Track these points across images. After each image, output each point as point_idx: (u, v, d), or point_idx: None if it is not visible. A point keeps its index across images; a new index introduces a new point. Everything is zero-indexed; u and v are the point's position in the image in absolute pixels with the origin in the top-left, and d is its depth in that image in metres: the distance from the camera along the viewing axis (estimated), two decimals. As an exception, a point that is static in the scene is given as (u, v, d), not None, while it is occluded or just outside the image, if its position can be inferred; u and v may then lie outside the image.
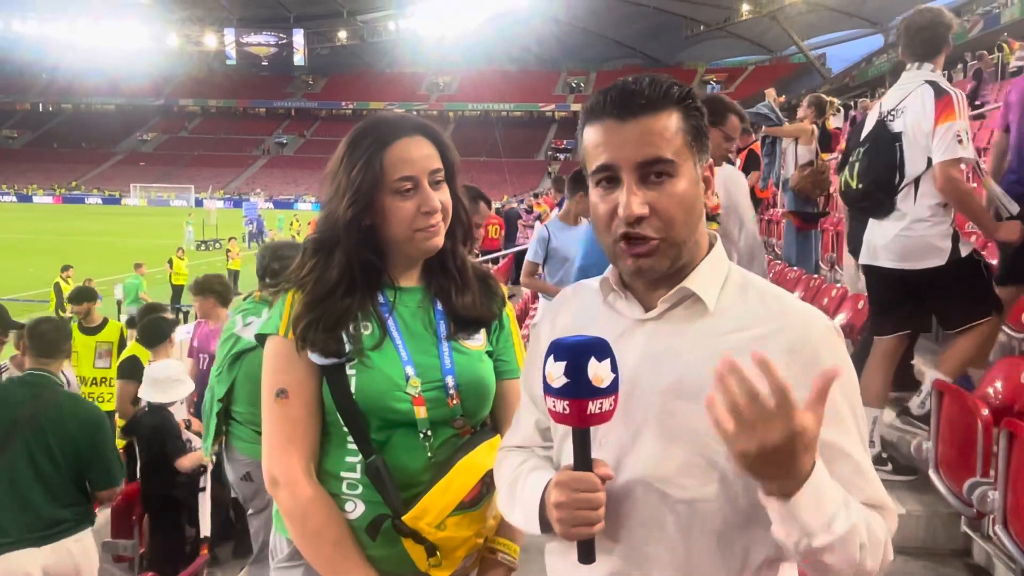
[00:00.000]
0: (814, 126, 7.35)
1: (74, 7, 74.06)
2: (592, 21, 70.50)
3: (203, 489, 4.54)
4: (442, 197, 1.60)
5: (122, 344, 7.37)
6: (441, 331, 1.63)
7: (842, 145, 8.03)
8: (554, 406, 1.13)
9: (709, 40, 70.07)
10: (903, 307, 3.75)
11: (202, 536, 4.51)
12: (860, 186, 3.69)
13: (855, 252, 4.50)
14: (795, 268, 7.13)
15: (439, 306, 1.65)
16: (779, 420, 0.97)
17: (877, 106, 3.83)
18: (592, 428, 1.14)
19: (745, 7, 61.41)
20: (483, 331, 1.69)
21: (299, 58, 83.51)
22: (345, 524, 1.55)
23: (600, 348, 1.13)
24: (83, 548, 3.29)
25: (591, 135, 1.21)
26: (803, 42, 60.23)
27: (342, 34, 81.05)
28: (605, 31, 72.98)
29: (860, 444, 1.18)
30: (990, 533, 3.07)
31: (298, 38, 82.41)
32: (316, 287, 1.57)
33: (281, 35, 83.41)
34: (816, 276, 6.92)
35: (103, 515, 5.08)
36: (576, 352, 1.11)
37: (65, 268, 17.02)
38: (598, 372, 1.11)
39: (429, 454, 1.57)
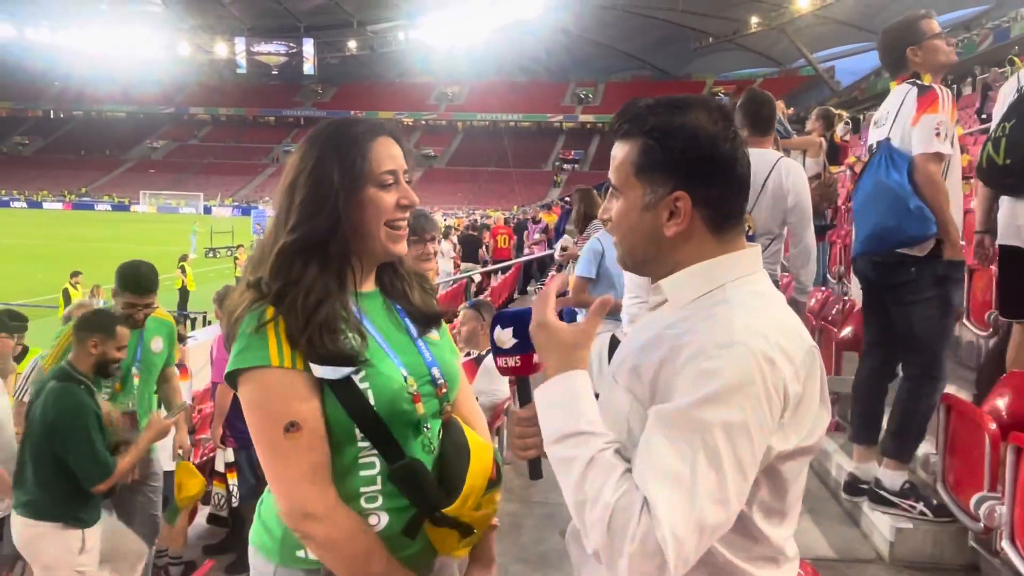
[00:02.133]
0: (822, 139, 7.36)
1: (87, 15, 74.67)
2: (601, 32, 70.69)
3: None
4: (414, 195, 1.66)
5: None
6: (412, 331, 1.68)
7: (850, 159, 8.05)
8: (506, 363, 1.43)
9: (718, 52, 70.17)
10: None
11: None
12: (1008, 161, 3.48)
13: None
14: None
15: (398, 307, 1.69)
16: (539, 305, 1.33)
17: (1015, 79, 3.71)
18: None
19: (754, 20, 61.53)
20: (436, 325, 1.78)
21: (309, 67, 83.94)
22: (379, 538, 1.53)
23: (530, 314, 1.38)
24: (15, 529, 3.49)
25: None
26: (812, 55, 60.31)
27: (352, 44, 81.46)
28: (614, 43, 73.15)
29: (678, 452, 1.13)
30: (998, 548, 3.06)
31: (308, 47, 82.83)
32: (316, 287, 1.52)
33: (291, 44, 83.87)
34: (824, 289, 6.91)
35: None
36: (517, 318, 1.40)
37: (74, 274, 17.11)
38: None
39: (433, 446, 1.61)
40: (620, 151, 1.32)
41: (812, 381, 1.22)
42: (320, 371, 1.46)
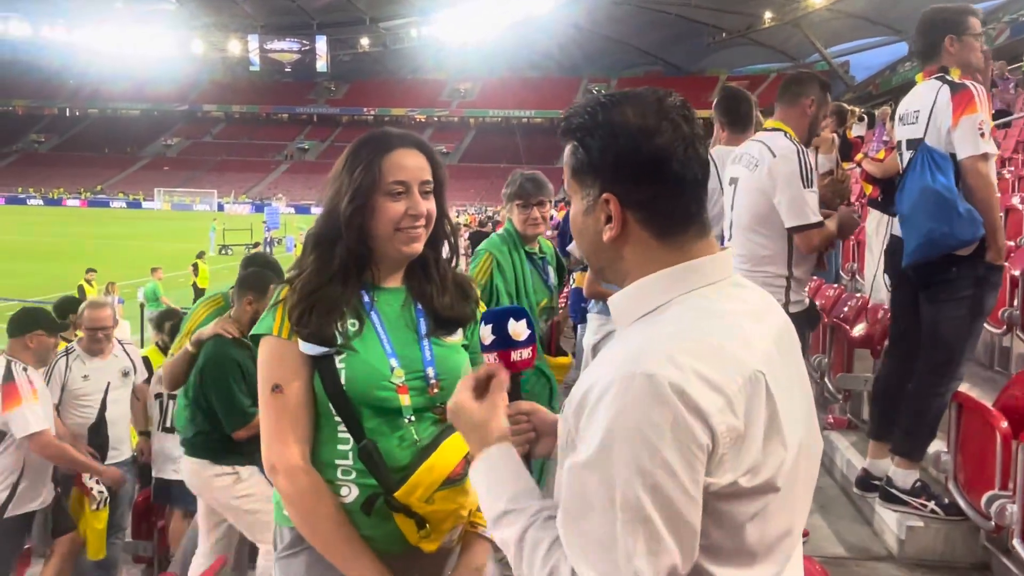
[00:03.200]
0: (834, 135, 7.31)
1: (102, 13, 75.06)
2: (614, 28, 70.49)
3: None
4: (428, 206, 1.76)
5: None
6: (421, 329, 1.79)
7: (859, 156, 7.99)
8: (487, 360, 1.42)
9: (731, 47, 69.83)
10: None
11: None
12: None
13: None
14: (815, 277, 7.09)
15: (419, 306, 1.81)
16: (456, 390, 1.37)
17: None
18: None
19: (768, 14, 61.18)
20: (460, 329, 1.88)
21: (322, 64, 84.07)
22: (340, 506, 1.69)
23: (517, 312, 1.42)
24: (184, 467, 3.87)
25: None
26: (826, 50, 59.95)
27: (364, 41, 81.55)
28: (627, 38, 72.93)
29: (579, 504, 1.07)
30: (1009, 547, 3.05)
31: (321, 45, 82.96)
32: (316, 276, 1.71)
33: (304, 42, 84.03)
34: (836, 286, 6.89)
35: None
36: (499, 316, 1.41)
37: (89, 271, 17.26)
38: (516, 329, 1.41)
39: (415, 438, 1.72)
40: (564, 154, 1.26)
41: (755, 412, 1.07)
42: (302, 346, 1.67)
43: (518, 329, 1.41)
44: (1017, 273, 4.76)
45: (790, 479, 1.12)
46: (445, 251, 1.89)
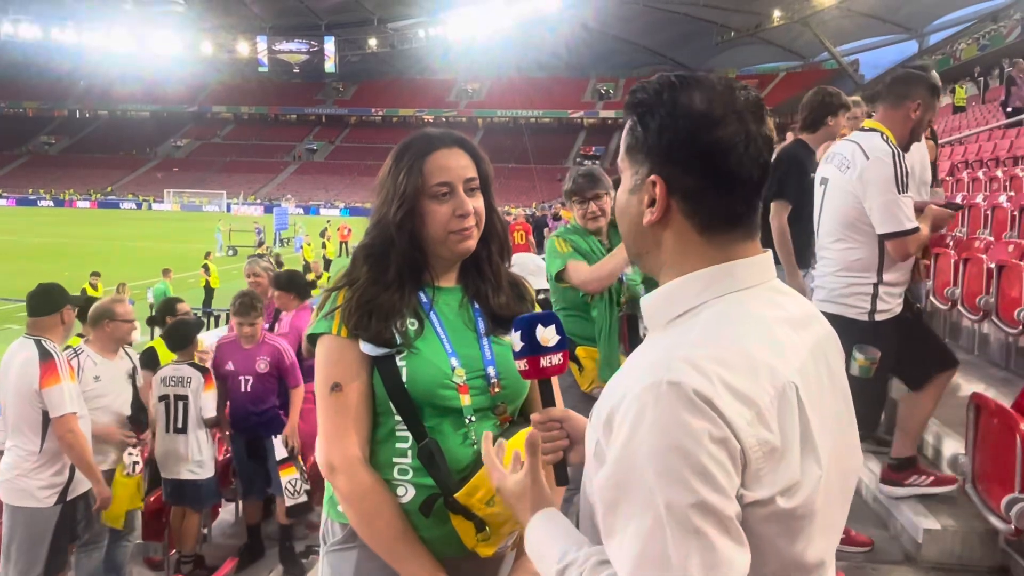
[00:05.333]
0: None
1: (111, 16, 75.51)
2: (622, 27, 70.43)
3: None
4: (476, 203, 1.75)
5: None
6: (480, 328, 1.79)
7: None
8: (519, 367, 1.42)
9: (740, 46, 69.68)
10: None
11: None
12: None
13: None
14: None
15: (476, 305, 1.81)
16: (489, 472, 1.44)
17: None
18: None
19: (776, 13, 61.02)
20: None
21: (330, 65, 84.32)
22: (399, 506, 1.68)
23: (546, 317, 1.41)
24: None
25: None
26: (835, 48, 59.74)
27: (372, 41, 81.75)
28: (635, 37, 72.86)
29: (621, 532, 1.01)
30: (1029, 551, 3.00)
31: (329, 46, 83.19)
32: (372, 285, 1.71)
33: (312, 43, 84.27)
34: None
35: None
36: (528, 322, 1.40)
37: (94, 274, 17.27)
38: (545, 335, 1.40)
39: (473, 439, 1.71)
40: (624, 129, 1.20)
41: (788, 425, 1.01)
42: (363, 347, 1.68)
43: (547, 335, 1.40)
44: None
45: (826, 500, 1.06)
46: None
